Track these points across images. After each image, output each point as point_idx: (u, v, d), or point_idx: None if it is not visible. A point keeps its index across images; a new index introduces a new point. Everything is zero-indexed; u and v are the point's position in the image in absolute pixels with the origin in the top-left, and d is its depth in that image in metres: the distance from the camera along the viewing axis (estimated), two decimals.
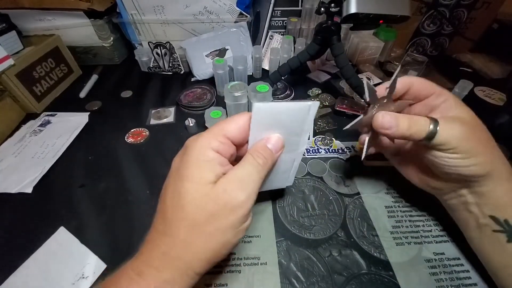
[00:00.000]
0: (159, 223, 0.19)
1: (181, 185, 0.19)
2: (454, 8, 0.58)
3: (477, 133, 0.23)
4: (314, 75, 0.59)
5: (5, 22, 0.46)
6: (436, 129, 0.22)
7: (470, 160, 0.22)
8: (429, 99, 0.26)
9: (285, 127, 0.22)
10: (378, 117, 0.23)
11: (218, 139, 0.20)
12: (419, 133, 0.22)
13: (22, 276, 0.27)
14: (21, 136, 0.43)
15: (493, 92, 0.53)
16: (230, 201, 0.19)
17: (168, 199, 0.19)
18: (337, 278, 0.26)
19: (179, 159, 0.21)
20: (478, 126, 0.24)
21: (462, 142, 0.22)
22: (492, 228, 0.23)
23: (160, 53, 0.58)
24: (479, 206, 0.24)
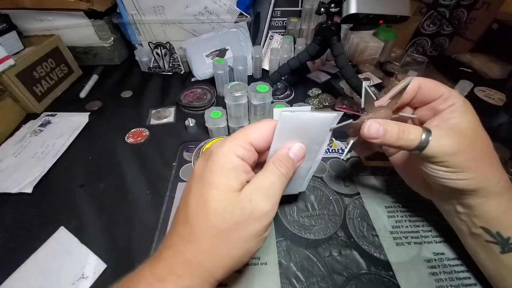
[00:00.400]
0: (182, 228, 0.19)
1: (206, 192, 0.18)
2: (454, 9, 0.58)
3: (474, 147, 0.22)
4: (314, 75, 0.59)
5: (6, 22, 0.46)
6: (427, 140, 0.21)
7: (459, 175, 0.22)
8: (435, 102, 0.24)
9: (307, 136, 0.22)
10: (364, 126, 0.22)
11: (243, 146, 0.20)
12: (409, 144, 0.22)
13: (22, 276, 0.27)
14: (21, 136, 0.43)
15: (493, 92, 0.53)
16: (256, 211, 0.18)
17: (192, 205, 0.19)
18: (337, 278, 0.26)
19: (203, 163, 0.20)
20: (478, 138, 0.22)
21: (453, 156, 0.21)
22: (485, 239, 0.23)
23: (160, 53, 0.59)
24: (470, 216, 0.24)
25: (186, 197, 0.20)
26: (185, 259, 0.18)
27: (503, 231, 0.22)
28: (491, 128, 0.45)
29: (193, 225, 0.18)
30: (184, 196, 0.20)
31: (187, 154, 0.40)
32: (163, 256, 0.19)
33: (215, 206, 0.18)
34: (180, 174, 0.37)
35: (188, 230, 0.18)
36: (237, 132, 0.21)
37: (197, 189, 0.19)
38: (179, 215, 0.20)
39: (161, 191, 0.35)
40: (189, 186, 0.20)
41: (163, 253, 0.19)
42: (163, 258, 0.19)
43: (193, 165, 0.38)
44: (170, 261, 0.18)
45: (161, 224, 0.31)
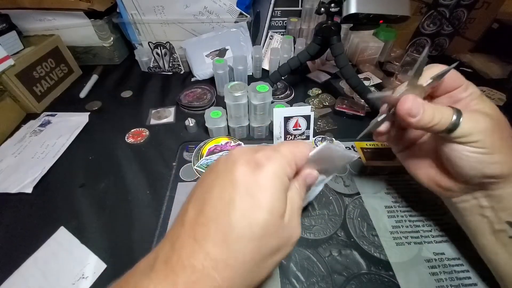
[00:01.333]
0: (216, 249, 0.15)
1: (258, 214, 0.16)
2: (454, 8, 0.58)
3: (502, 130, 0.21)
4: (314, 75, 0.59)
5: (5, 22, 0.46)
6: (459, 120, 0.20)
7: (493, 157, 0.20)
8: (456, 91, 0.24)
9: (326, 166, 0.23)
10: (407, 100, 0.21)
11: (291, 166, 0.19)
12: (442, 124, 0.21)
13: (22, 276, 0.27)
14: (21, 136, 0.43)
15: (493, 92, 0.53)
16: (294, 235, 0.18)
17: (238, 224, 0.16)
18: (337, 278, 0.26)
19: (249, 173, 0.17)
20: (502, 123, 0.22)
21: (487, 135, 0.20)
22: (509, 234, 0.22)
23: (160, 53, 0.59)
24: (495, 210, 0.22)
25: (225, 211, 0.16)
26: (215, 286, 0.15)
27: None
28: None
29: (235, 248, 0.15)
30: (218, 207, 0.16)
31: (187, 154, 0.40)
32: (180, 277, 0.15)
33: (266, 231, 0.16)
34: (180, 174, 0.37)
35: (227, 252, 0.15)
36: (283, 148, 0.19)
37: (244, 207, 0.16)
38: (208, 230, 0.16)
39: (161, 191, 0.35)
40: (229, 196, 0.17)
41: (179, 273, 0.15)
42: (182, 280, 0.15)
43: (194, 165, 0.38)
44: (192, 286, 0.15)
45: (161, 224, 0.31)
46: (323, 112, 0.48)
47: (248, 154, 0.18)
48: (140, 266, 0.17)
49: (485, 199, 0.23)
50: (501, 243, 0.22)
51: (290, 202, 0.19)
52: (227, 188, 0.17)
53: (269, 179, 0.17)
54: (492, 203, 0.23)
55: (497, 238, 0.23)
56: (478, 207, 0.23)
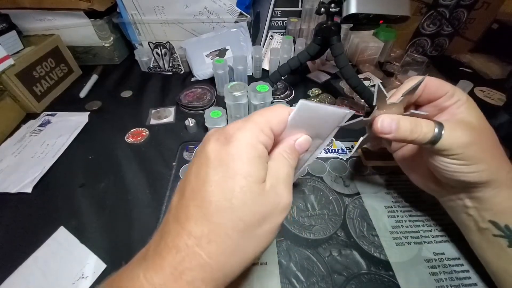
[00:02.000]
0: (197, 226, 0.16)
1: (233, 183, 0.16)
2: (454, 9, 0.58)
3: (483, 139, 0.22)
4: (314, 75, 0.59)
5: (5, 22, 0.46)
6: (440, 133, 0.21)
7: (472, 167, 0.22)
8: (440, 100, 0.25)
9: (315, 129, 0.22)
10: (377, 121, 0.23)
11: (265, 132, 0.18)
12: (423, 137, 0.22)
13: (22, 276, 0.27)
14: (21, 136, 0.43)
15: (493, 92, 0.53)
16: (281, 202, 0.18)
17: (214, 197, 0.16)
18: (337, 278, 0.26)
19: (219, 147, 0.17)
20: (485, 131, 0.23)
21: (466, 148, 0.21)
22: (492, 233, 0.23)
23: (160, 53, 0.59)
24: (479, 210, 0.24)
25: (201, 187, 0.16)
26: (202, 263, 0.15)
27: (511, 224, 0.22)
28: None
29: (215, 221, 0.16)
30: (195, 185, 0.17)
31: (187, 154, 0.40)
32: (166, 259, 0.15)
33: (244, 199, 0.16)
34: (180, 174, 0.37)
35: (208, 227, 0.15)
36: (256, 115, 0.19)
37: (218, 179, 0.16)
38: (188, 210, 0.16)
39: (161, 191, 0.35)
40: (204, 173, 0.17)
41: (165, 256, 0.15)
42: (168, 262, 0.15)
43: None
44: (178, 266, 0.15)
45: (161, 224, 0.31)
46: None
47: (219, 130, 0.19)
48: (134, 259, 0.17)
49: (469, 200, 0.24)
50: (487, 240, 0.24)
51: (273, 170, 0.18)
52: (202, 166, 0.17)
53: (240, 148, 0.17)
54: (475, 204, 0.24)
55: (482, 235, 0.24)
56: (463, 206, 0.25)
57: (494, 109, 0.49)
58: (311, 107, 0.20)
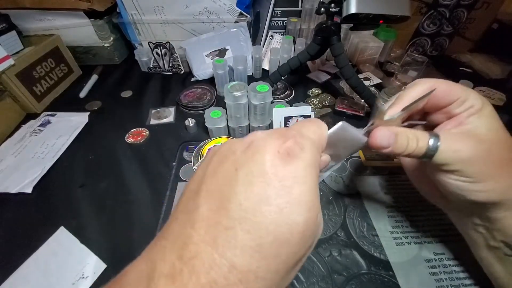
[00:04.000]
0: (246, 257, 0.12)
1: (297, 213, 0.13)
2: (454, 8, 0.58)
3: (493, 153, 0.19)
4: (314, 75, 0.59)
5: (5, 22, 0.46)
6: (435, 146, 0.19)
7: (477, 185, 0.19)
8: (451, 106, 0.21)
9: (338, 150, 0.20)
10: (375, 135, 0.20)
11: (320, 153, 0.16)
12: (418, 151, 0.20)
13: (22, 276, 0.27)
14: (21, 136, 0.43)
15: (493, 92, 0.53)
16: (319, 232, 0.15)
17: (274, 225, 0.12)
18: (337, 278, 0.26)
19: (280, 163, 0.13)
20: (497, 142, 0.20)
21: (467, 164, 0.19)
22: (504, 252, 0.21)
23: (160, 53, 0.59)
24: (489, 230, 0.22)
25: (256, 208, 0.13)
26: None
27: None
28: None
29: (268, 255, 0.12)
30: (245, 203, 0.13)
31: (187, 154, 0.40)
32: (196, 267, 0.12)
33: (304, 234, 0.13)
34: (180, 174, 0.37)
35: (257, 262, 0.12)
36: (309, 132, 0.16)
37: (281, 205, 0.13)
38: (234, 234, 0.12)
39: (161, 191, 0.35)
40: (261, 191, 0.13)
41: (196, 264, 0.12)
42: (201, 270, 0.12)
43: (194, 166, 0.38)
44: None
45: (161, 224, 0.31)
46: (323, 112, 0.48)
47: (274, 141, 0.14)
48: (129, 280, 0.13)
49: (478, 218, 0.22)
50: (497, 258, 0.22)
51: None
52: (256, 183, 0.13)
53: (305, 170, 0.14)
54: (485, 223, 0.22)
55: (492, 253, 0.22)
56: (472, 224, 0.23)
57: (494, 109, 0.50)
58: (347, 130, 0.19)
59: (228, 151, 0.15)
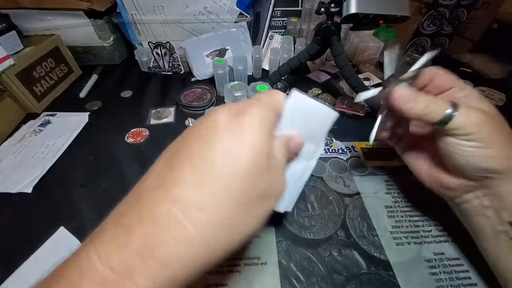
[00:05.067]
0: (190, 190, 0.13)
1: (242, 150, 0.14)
2: (454, 9, 0.58)
3: (498, 125, 0.21)
4: (314, 75, 0.59)
5: (5, 22, 0.46)
6: (454, 112, 0.21)
7: (488, 151, 0.21)
8: (451, 91, 0.24)
9: (307, 128, 0.20)
10: (396, 91, 0.22)
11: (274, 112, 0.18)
12: (436, 114, 0.21)
13: (22, 276, 0.27)
14: (21, 136, 0.43)
15: (493, 92, 0.53)
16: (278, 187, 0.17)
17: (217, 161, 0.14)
18: (337, 278, 0.26)
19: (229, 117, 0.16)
20: (500, 119, 0.22)
21: (481, 128, 0.20)
22: (510, 236, 0.21)
23: (160, 53, 0.59)
24: (497, 210, 0.22)
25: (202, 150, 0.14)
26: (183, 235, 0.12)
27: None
28: None
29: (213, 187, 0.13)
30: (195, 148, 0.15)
31: None
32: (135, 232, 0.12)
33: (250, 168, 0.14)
34: None
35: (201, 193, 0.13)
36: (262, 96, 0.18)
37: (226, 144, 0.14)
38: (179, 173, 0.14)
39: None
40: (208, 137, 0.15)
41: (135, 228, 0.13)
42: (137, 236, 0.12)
43: None
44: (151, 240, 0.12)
45: None
46: None
47: (229, 106, 0.17)
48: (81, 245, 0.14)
49: (487, 198, 0.23)
50: (502, 245, 0.22)
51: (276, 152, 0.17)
52: (207, 131, 0.15)
53: (253, 120, 0.15)
54: (493, 203, 0.22)
55: (498, 241, 0.22)
56: (481, 207, 0.23)
57: None
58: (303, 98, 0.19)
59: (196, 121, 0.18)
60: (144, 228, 0.12)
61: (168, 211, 0.13)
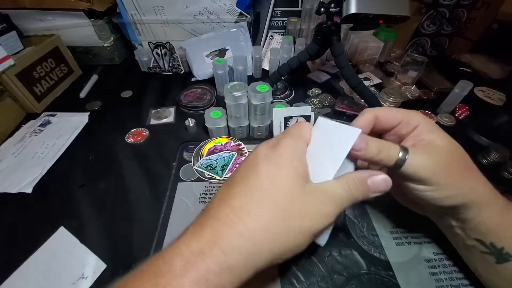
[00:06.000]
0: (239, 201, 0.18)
1: (279, 172, 0.19)
2: (454, 9, 0.58)
3: (452, 162, 0.21)
4: (314, 75, 0.59)
5: (6, 22, 0.46)
6: (404, 158, 0.20)
7: (442, 192, 0.21)
8: (397, 128, 0.24)
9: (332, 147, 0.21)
10: None
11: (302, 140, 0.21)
12: (388, 160, 0.21)
13: (22, 276, 0.27)
14: (21, 136, 0.43)
15: (493, 92, 0.53)
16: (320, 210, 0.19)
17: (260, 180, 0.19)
18: (337, 278, 0.26)
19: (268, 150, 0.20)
20: (454, 152, 0.22)
21: (431, 174, 0.21)
22: (480, 250, 0.23)
23: (160, 53, 0.59)
24: (464, 230, 0.24)
25: (250, 174, 0.19)
26: (237, 231, 0.17)
27: (496, 241, 0.22)
28: (491, 128, 0.45)
29: (257, 198, 0.18)
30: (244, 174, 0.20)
31: (187, 154, 0.40)
32: (205, 227, 0.18)
33: (285, 185, 0.18)
34: (180, 174, 0.37)
35: (248, 202, 0.18)
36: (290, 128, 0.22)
37: (267, 169, 0.19)
38: (234, 190, 0.19)
39: (161, 191, 0.35)
40: (254, 166, 0.19)
41: (204, 223, 0.18)
42: (207, 230, 0.17)
43: (193, 165, 0.38)
44: (216, 232, 0.17)
45: (161, 224, 0.31)
46: (323, 112, 0.48)
47: (266, 141, 0.22)
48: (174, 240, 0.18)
49: (453, 220, 0.24)
50: (476, 256, 0.24)
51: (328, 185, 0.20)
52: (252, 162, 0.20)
53: (286, 149, 0.20)
54: (459, 224, 0.24)
55: (470, 252, 0.24)
56: (449, 226, 0.25)
57: (494, 109, 0.50)
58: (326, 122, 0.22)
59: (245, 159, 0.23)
60: (211, 225, 0.18)
61: (226, 214, 0.18)
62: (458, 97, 0.45)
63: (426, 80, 0.55)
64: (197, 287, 0.15)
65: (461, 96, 0.45)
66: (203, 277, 0.16)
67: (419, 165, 0.21)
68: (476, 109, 0.48)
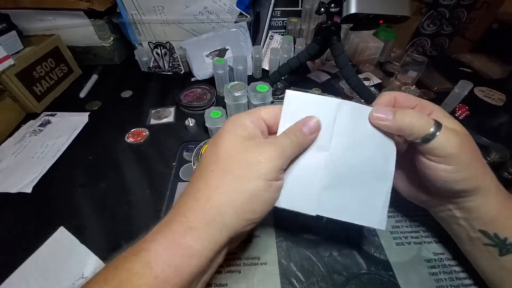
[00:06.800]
0: (196, 174, 0.21)
1: (218, 141, 0.21)
2: (454, 9, 0.58)
3: (470, 146, 0.22)
4: (314, 75, 0.59)
5: (6, 22, 0.46)
6: (437, 131, 0.21)
7: (461, 174, 0.21)
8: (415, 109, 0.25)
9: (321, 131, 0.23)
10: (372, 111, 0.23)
11: (254, 115, 0.23)
12: (419, 132, 0.21)
13: (22, 276, 0.27)
14: (21, 136, 0.43)
15: (493, 92, 0.53)
16: (262, 154, 0.20)
17: (207, 152, 0.22)
18: (337, 278, 0.26)
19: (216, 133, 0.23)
20: (468, 138, 0.23)
21: (459, 151, 0.21)
22: (483, 242, 0.23)
23: (160, 53, 0.59)
24: (468, 220, 0.24)
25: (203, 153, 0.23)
26: (194, 198, 0.20)
27: (500, 232, 0.22)
28: (491, 128, 0.45)
29: (204, 166, 0.21)
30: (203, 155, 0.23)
31: (187, 154, 0.40)
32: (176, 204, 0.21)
33: (224, 147, 0.21)
34: (180, 174, 0.37)
35: (200, 172, 0.21)
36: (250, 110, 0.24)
37: (210, 146, 0.22)
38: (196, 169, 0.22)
39: (161, 191, 0.35)
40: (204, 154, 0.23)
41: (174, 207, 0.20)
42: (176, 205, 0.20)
43: (194, 165, 0.38)
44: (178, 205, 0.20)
45: None
46: None
47: None
48: None
49: (458, 211, 0.24)
50: (479, 249, 0.24)
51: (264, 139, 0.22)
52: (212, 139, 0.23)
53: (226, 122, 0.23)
54: (464, 214, 0.24)
55: (474, 245, 0.24)
56: (453, 217, 0.25)
57: (494, 109, 0.50)
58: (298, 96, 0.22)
59: None
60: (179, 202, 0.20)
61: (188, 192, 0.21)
62: (458, 97, 0.45)
63: (426, 80, 0.55)
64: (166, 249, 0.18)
65: (461, 96, 0.44)
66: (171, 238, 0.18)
67: (449, 142, 0.21)
68: (476, 109, 0.48)
